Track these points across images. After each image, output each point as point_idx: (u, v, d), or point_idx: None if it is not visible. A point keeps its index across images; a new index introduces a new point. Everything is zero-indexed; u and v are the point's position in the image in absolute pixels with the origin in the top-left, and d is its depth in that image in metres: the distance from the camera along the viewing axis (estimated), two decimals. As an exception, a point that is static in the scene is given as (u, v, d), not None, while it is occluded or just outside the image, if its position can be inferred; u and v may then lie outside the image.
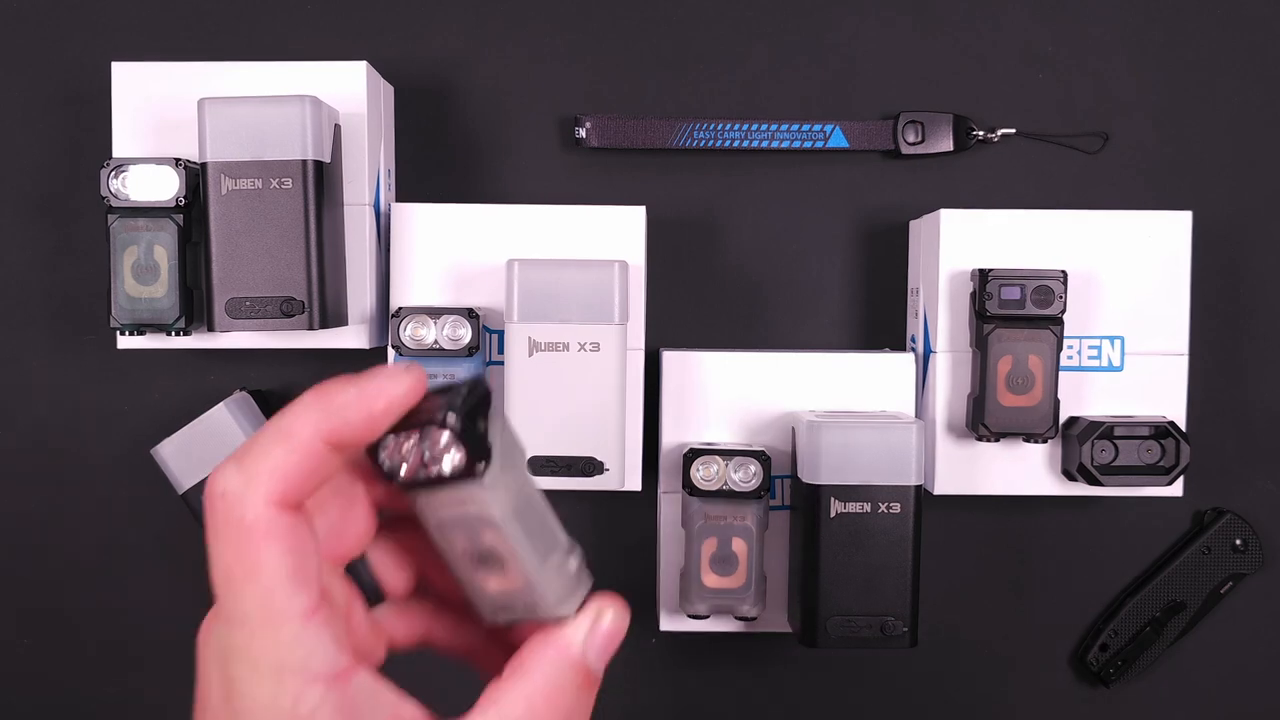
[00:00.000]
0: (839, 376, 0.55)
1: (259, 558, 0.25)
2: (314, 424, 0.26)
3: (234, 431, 0.55)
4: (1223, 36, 0.60)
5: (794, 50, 0.60)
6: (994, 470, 0.55)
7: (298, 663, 0.26)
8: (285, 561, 0.25)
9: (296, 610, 0.26)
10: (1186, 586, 0.60)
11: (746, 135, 0.58)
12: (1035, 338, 0.53)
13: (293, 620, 0.26)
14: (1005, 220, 0.54)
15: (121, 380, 0.59)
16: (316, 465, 0.26)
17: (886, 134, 0.58)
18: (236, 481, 0.26)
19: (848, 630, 0.51)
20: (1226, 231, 0.60)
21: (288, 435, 0.26)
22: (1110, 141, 0.60)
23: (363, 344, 0.54)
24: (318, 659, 0.26)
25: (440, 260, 0.54)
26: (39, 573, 0.60)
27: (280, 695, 0.26)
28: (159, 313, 0.50)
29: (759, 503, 0.53)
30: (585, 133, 0.58)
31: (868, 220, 0.60)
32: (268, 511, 0.25)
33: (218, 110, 0.49)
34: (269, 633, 0.26)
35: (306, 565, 0.26)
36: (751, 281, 0.60)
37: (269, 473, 0.26)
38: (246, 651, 0.26)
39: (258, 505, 0.25)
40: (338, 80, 0.53)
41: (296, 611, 0.26)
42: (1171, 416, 0.54)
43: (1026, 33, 0.60)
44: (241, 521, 0.25)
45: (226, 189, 0.49)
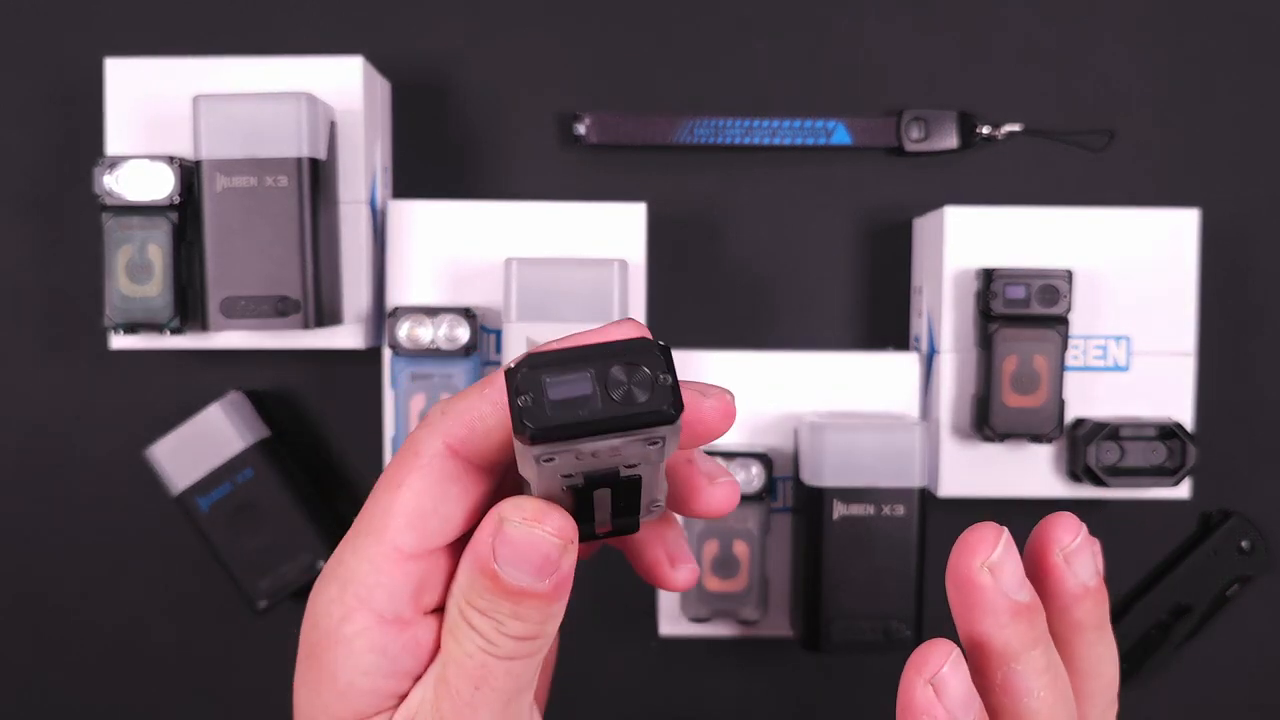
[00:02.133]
0: (841, 376, 0.55)
1: (404, 479, 0.26)
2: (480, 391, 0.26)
3: (228, 432, 0.55)
4: (1230, 32, 0.59)
5: (797, 46, 0.59)
6: (999, 472, 0.54)
7: (368, 587, 0.26)
8: (419, 498, 0.26)
9: (399, 544, 0.26)
10: (1193, 589, 0.59)
11: (748, 132, 0.58)
12: (1040, 337, 0.52)
13: (389, 549, 0.26)
14: (1010, 218, 0.54)
15: (115, 380, 0.59)
16: (506, 421, 0.26)
17: (890, 131, 0.58)
18: (438, 410, 0.26)
19: (851, 634, 0.51)
20: (1234, 229, 0.59)
21: (488, 382, 0.26)
22: (1116, 138, 0.59)
23: (358, 344, 0.54)
24: (385, 595, 0.26)
25: (437, 258, 0.54)
26: (31, 574, 0.60)
27: (335, 605, 0.26)
28: (153, 312, 0.50)
29: (761, 505, 0.52)
30: (584, 129, 0.57)
31: (871, 218, 0.59)
32: (436, 447, 0.26)
33: (213, 107, 0.49)
34: (365, 545, 0.26)
35: (435, 514, 0.26)
36: (753, 280, 0.60)
37: (459, 414, 0.26)
38: (341, 551, 0.27)
39: (435, 439, 0.26)
40: (334, 75, 0.52)
41: (398, 544, 0.26)
42: (1178, 417, 0.54)
43: (1032, 29, 0.59)
44: (416, 444, 0.26)
45: (221, 187, 0.49)
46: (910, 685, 0.27)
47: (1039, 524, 0.29)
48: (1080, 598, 0.28)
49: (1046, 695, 0.27)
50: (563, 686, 0.60)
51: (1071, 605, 0.28)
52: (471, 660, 0.26)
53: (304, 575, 0.56)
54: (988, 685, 0.27)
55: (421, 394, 0.52)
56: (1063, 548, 0.28)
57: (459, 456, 0.26)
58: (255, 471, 0.55)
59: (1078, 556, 0.28)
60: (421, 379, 0.52)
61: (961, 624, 0.28)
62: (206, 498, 0.55)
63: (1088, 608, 0.29)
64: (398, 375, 0.52)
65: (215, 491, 0.55)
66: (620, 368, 0.22)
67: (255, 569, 0.55)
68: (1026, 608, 0.27)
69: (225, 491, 0.55)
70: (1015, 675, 0.27)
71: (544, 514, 0.25)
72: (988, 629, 0.27)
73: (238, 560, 0.55)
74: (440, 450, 0.26)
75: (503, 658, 0.26)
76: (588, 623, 0.60)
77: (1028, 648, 0.27)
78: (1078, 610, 0.29)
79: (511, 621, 0.25)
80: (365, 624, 0.26)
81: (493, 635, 0.26)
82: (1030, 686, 0.27)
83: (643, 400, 0.22)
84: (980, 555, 0.27)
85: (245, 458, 0.55)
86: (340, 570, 0.27)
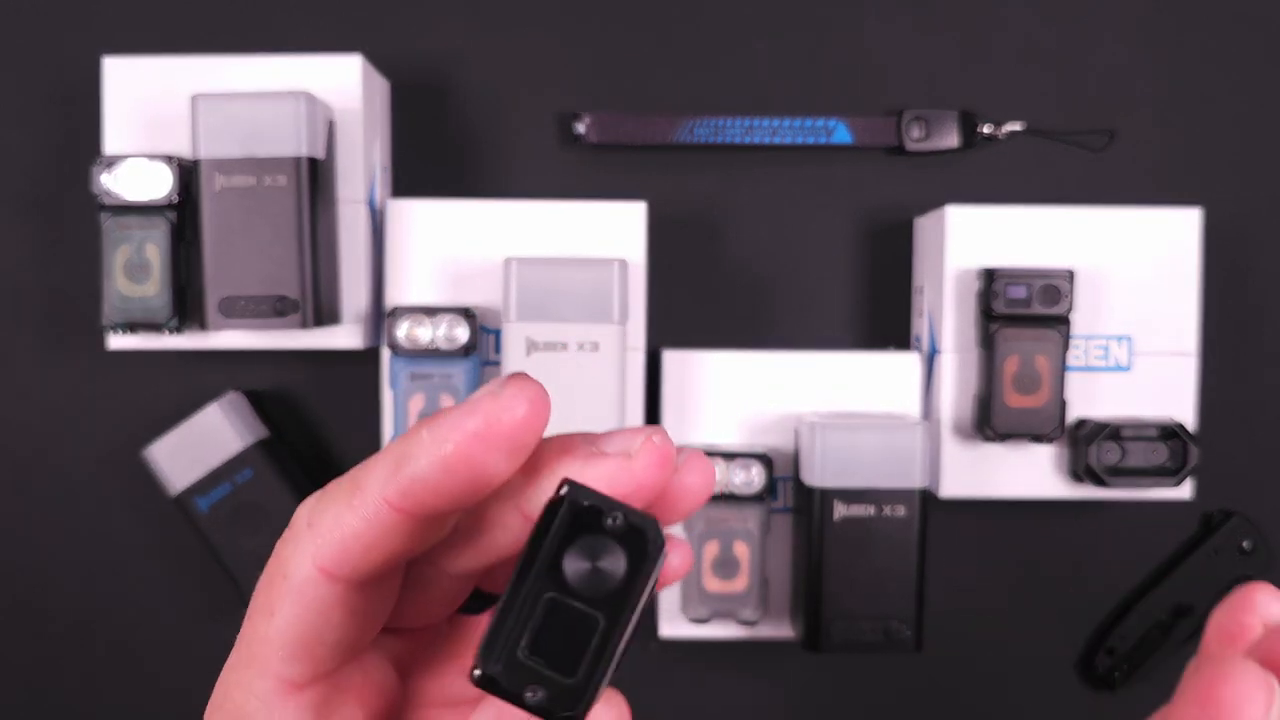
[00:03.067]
0: (842, 376, 0.55)
1: (275, 607, 0.23)
2: (380, 480, 0.22)
3: (227, 432, 0.55)
4: (1231, 31, 0.59)
5: (797, 45, 0.59)
6: (1000, 472, 0.54)
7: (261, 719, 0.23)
8: (296, 628, 0.23)
9: (285, 675, 0.23)
10: (1194, 590, 0.59)
11: (748, 131, 0.57)
12: (1042, 337, 0.52)
13: (273, 683, 0.23)
14: (1011, 218, 0.53)
15: (113, 380, 0.58)
16: (386, 534, 0.22)
17: (891, 130, 0.58)
18: (303, 520, 0.23)
19: (851, 635, 0.51)
20: (1236, 229, 0.59)
21: (356, 488, 0.22)
22: (1118, 137, 0.59)
23: (357, 344, 0.53)
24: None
25: (436, 258, 0.54)
26: (29, 574, 0.59)
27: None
28: (151, 311, 0.50)
29: (761, 506, 0.52)
30: (584, 129, 0.57)
31: (872, 218, 0.59)
32: (308, 571, 0.22)
33: (211, 107, 0.48)
34: (249, 679, 0.23)
35: (320, 642, 0.23)
36: (753, 280, 0.59)
37: (327, 529, 0.22)
38: (225, 682, 0.24)
39: (303, 559, 0.22)
40: (333, 74, 0.52)
41: (284, 677, 0.23)
42: (1180, 417, 0.53)
43: (1033, 28, 0.59)
44: (284, 564, 0.23)
45: (220, 186, 0.48)
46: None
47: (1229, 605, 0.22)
48: None
49: None
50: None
51: None
52: None
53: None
54: None
55: (420, 394, 0.52)
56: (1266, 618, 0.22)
57: (335, 579, 0.22)
58: (254, 472, 0.55)
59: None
60: (421, 379, 0.52)
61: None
62: (205, 498, 0.54)
63: None
64: (397, 375, 0.52)
65: (214, 492, 0.54)
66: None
67: (254, 569, 0.55)
68: None
69: (224, 492, 0.55)
70: None
71: None
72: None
73: (237, 560, 0.55)
74: (311, 575, 0.22)
75: None
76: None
77: None
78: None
79: None
80: None
81: None
82: None
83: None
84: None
85: (244, 458, 0.55)
86: (227, 705, 0.24)
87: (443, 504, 0.22)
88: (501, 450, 0.21)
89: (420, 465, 0.21)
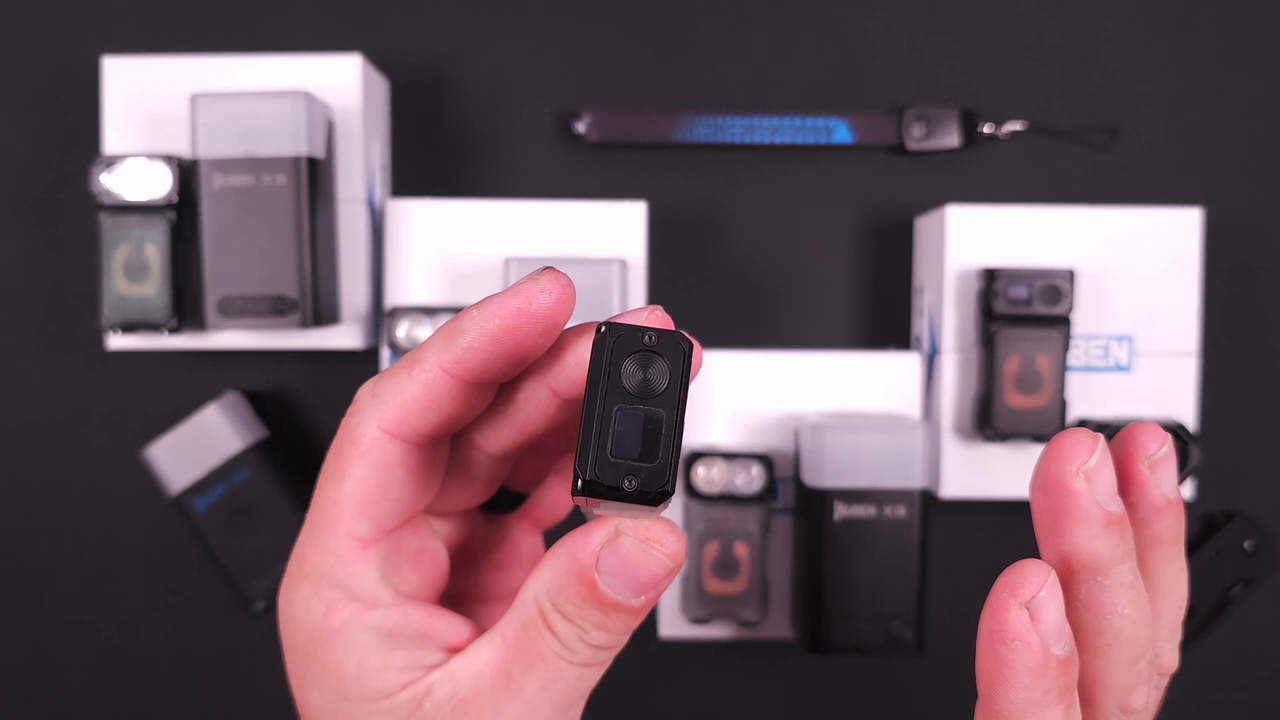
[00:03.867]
0: (843, 376, 0.55)
1: (345, 470, 0.26)
2: (436, 351, 0.25)
3: (225, 432, 0.54)
4: (1235, 29, 0.59)
5: (797, 43, 0.59)
6: (1001, 473, 0.54)
7: (338, 579, 0.26)
8: (364, 486, 0.26)
9: (355, 532, 0.26)
10: (1196, 590, 0.59)
11: (749, 130, 0.57)
12: (1043, 337, 0.52)
13: (346, 540, 0.26)
14: (1013, 217, 0.53)
15: (111, 380, 0.58)
16: (441, 398, 0.26)
17: (892, 129, 0.58)
18: (367, 394, 0.26)
19: (852, 636, 0.50)
20: (1237, 228, 0.59)
21: (414, 361, 0.26)
22: (1119, 137, 0.59)
23: (356, 344, 0.53)
24: (357, 583, 0.26)
25: (436, 258, 0.54)
26: (27, 575, 0.59)
27: (314, 601, 0.26)
28: (150, 311, 0.50)
29: (761, 506, 0.52)
30: (584, 127, 0.57)
31: (872, 217, 0.59)
32: (373, 434, 0.26)
33: (210, 106, 0.48)
34: (324, 540, 0.26)
35: (385, 499, 0.26)
36: (753, 279, 0.59)
37: (390, 396, 0.26)
38: (301, 549, 0.27)
39: (369, 424, 0.26)
40: (332, 73, 0.52)
41: (355, 534, 0.26)
42: (1181, 417, 0.53)
43: (1034, 26, 0.59)
44: (351, 432, 0.26)
45: (219, 185, 0.48)
46: (1003, 608, 0.24)
47: (1122, 432, 0.27)
48: (1162, 510, 0.27)
49: (1130, 612, 0.26)
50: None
51: (1152, 518, 0.27)
52: (545, 662, 0.25)
53: (302, 576, 0.55)
54: (1070, 601, 0.26)
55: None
56: (1149, 456, 0.26)
57: (397, 439, 0.26)
58: (252, 472, 0.55)
59: (1162, 467, 0.27)
60: (420, 379, 0.52)
61: (1047, 535, 0.26)
62: (203, 498, 0.54)
63: (1168, 522, 0.27)
64: (396, 375, 0.52)
65: (212, 492, 0.54)
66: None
67: (252, 570, 0.55)
68: (1118, 519, 0.25)
69: (222, 492, 0.54)
70: (1101, 590, 0.26)
71: (664, 537, 0.24)
72: (1077, 540, 0.25)
73: (235, 561, 0.55)
74: (377, 437, 0.26)
75: (577, 664, 0.25)
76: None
77: (1116, 561, 0.25)
78: (1158, 524, 0.27)
79: (596, 631, 0.25)
80: (351, 612, 0.26)
81: (572, 641, 0.25)
82: (1115, 602, 0.26)
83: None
84: (1076, 460, 0.25)
85: (243, 458, 0.55)
86: (306, 568, 0.27)
87: (490, 371, 0.25)
88: (538, 326, 0.25)
89: (471, 337, 0.25)
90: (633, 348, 0.23)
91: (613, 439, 0.23)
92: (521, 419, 0.27)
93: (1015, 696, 0.24)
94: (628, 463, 0.23)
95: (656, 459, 0.23)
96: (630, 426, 0.23)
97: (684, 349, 0.24)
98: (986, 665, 0.24)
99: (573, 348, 0.26)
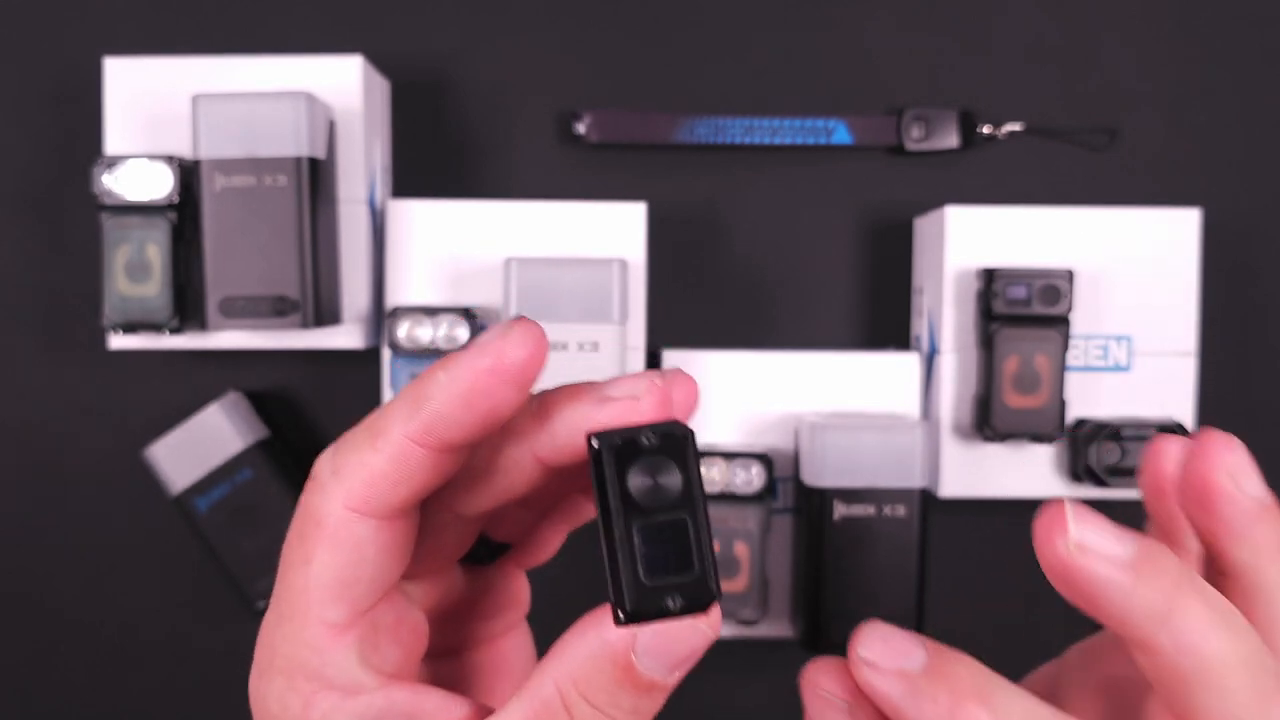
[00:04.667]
0: (842, 376, 0.55)
1: (311, 554, 0.24)
2: (402, 420, 0.24)
3: (227, 432, 0.55)
4: (1234, 29, 0.59)
5: (797, 44, 0.59)
6: (1000, 472, 0.54)
7: (313, 669, 0.25)
8: (334, 570, 0.24)
9: (328, 619, 0.24)
10: (1194, 590, 0.59)
11: (749, 131, 0.57)
12: (1042, 337, 0.52)
13: (319, 628, 0.24)
14: (1011, 218, 0.53)
15: (113, 380, 0.58)
16: (411, 471, 0.24)
17: (891, 130, 0.58)
18: (326, 469, 0.24)
19: (851, 635, 0.50)
20: (1236, 229, 0.59)
21: (377, 432, 0.24)
22: (1118, 137, 0.59)
23: (357, 344, 0.53)
24: (335, 671, 0.25)
25: (436, 258, 0.54)
26: (29, 574, 0.59)
27: (290, 696, 0.25)
28: (152, 311, 0.50)
29: (761, 506, 0.52)
30: (584, 128, 0.57)
31: (872, 218, 0.59)
32: (339, 513, 0.24)
33: (211, 107, 0.48)
34: (295, 630, 0.25)
35: (358, 580, 0.24)
36: (753, 280, 0.59)
37: (352, 471, 0.24)
38: (269, 639, 0.25)
39: (333, 503, 0.24)
40: (333, 75, 0.52)
41: (328, 621, 0.24)
42: (1179, 417, 0.53)
43: (1033, 27, 0.59)
44: (314, 513, 0.24)
45: (220, 186, 0.48)
46: (1215, 477, 0.25)
47: (1195, 446, 0.26)
48: (1259, 517, 0.25)
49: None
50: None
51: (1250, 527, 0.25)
52: None
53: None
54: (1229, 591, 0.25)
55: (421, 394, 0.52)
56: (1229, 469, 0.25)
57: (365, 516, 0.24)
58: (254, 472, 0.55)
59: (1242, 475, 0.25)
60: (421, 379, 0.52)
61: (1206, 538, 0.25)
62: (205, 498, 0.54)
63: (1269, 528, 0.25)
64: (397, 375, 0.52)
65: (214, 492, 0.55)
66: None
67: (253, 570, 0.55)
68: (1272, 509, 0.25)
69: (224, 492, 0.55)
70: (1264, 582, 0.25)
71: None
72: (1233, 541, 0.25)
73: (236, 561, 0.55)
74: (343, 516, 0.24)
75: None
76: (587, 623, 0.60)
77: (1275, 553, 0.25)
78: (1258, 533, 0.25)
79: (629, 716, 0.23)
80: (331, 703, 0.24)
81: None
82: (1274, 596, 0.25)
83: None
84: (1225, 462, 0.25)
85: (244, 458, 0.55)
86: (277, 661, 0.25)
87: (462, 436, 0.24)
88: (512, 385, 0.23)
89: (439, 402, 0.23)
90: (633, 456, 0.22)
91: (642, 562, 0.21)
92: (504, 484, 0.26)
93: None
94: (666, 581, 0.21)
95: (694, 569, 0.21)
96: (656, 543, 0.22)
97: (687, 439, 0.22)
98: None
99: (561, 416, 0.24)
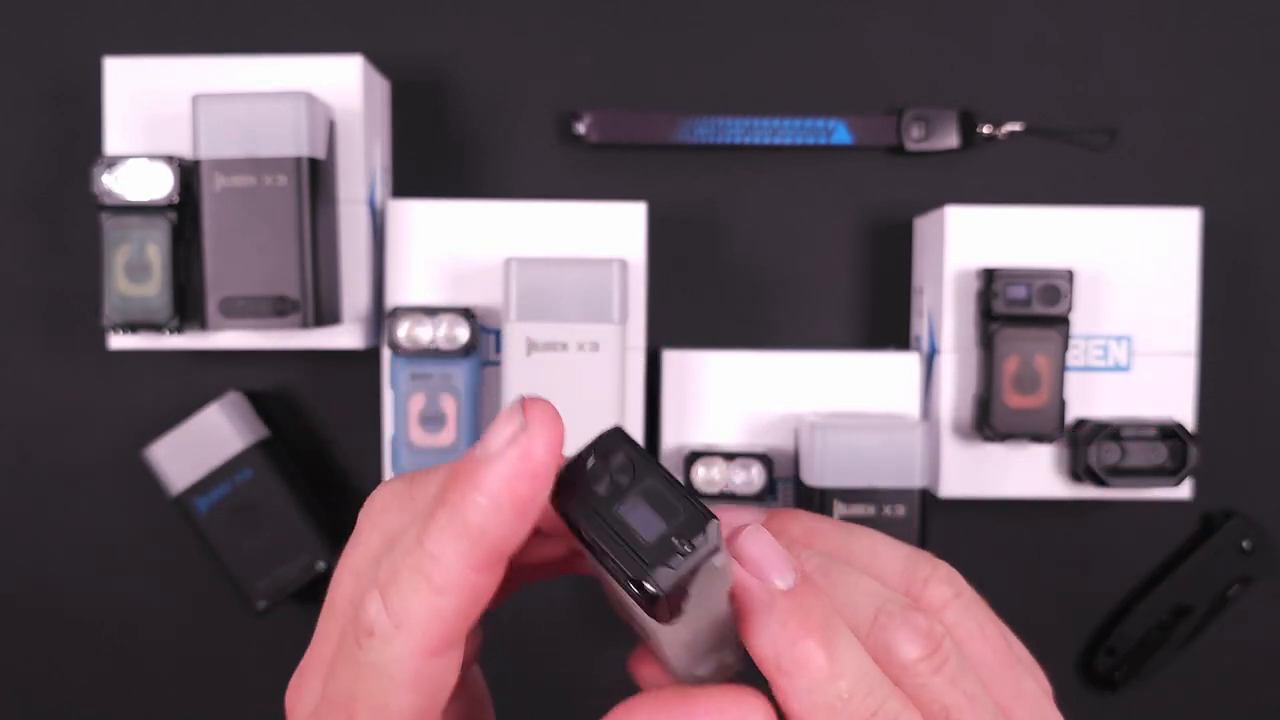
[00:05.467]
0: (842, 376, 0.55)
1: (391, 704, 0.24)
2: (459, 555, 0.23)
3: (227, 432, 0.55)
4: (1233, 29, 0.59)
5: (797, 44, 0.59)
6: (1000, 472, 0.54)
7: None
8: (416, 712, 0.24)
9: None
10: (1194, 589, 0.59)
11: (749, 131, 0.57)
12: (1042, 337, 0.52)
13: None
14: (1011, 218, 0.53)
15: (113, 380, 0.59)
16: (478, 597, 0.23)
17: (891, 130, 0.58)
18: (383, 623, 0.23)
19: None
20: (1236, 229, 0.59)
21: (431, 571, 0.23)
22: (1118, 137, 0.59)
23: (357, 344, 0.53)
24: None
25: (436, 258, 0.54)
26: (28, 574, 0.59)
27: None
28: (152, 311, 0.50)
29: (761, 506, 0.52)
30: (584, 128, 0.57)
31: (872, 218, 0.59)
32: (419, 663, 0.23)
33: (211, 107, 0.48)
34: None
35: (437, 705, 0.24)
36: (753, 280, 0.59)
37: (422, 620, 0.23)
38: None
39: (408, 655, 0.23)
40: (333, 74, 0.52)
41: None
42: (1179, 417, 0.53)
43: (1033, 27, 0.59)
44: (385, 669, 0.23)
45: (220, 186, 0.48)
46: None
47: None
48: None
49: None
50: (562, 686, 0.59)
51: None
52: None
53: (303, 576, 0.55)
54: None
55: (421, 394, 0.52)
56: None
57: (444, 653, 0.24)
58: (254, 472, 0.55)
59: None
60: (421, 379, 0.52)
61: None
62: (205, 498, 0.54)
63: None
64: (397, 375, 0.52)
65: (214, 492, 0.55)
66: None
67: (254, 570, 0.55)
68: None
69: (224, 492, 0.55)
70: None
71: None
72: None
73: (236, 561, 0.55)
74: (423, 665, 0.23)
75: None
76: (586, 622, 0.60)
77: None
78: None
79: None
80: None
81: None
82: None
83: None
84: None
85: (244, 458, 0.55)
86: None
87: (518, 543, 0.23)
88: (549, 478, 0.23)
89: (496, 526, 0.23)
90: (583, 474, 0.23)
91: (639, 535, 0.22)
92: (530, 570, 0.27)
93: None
94: (666, 538, 0.22)
95: (681, 513, 0.22)
96: (639, 511, 0.23)
97: (613, 432, 0.24)
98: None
99: None
